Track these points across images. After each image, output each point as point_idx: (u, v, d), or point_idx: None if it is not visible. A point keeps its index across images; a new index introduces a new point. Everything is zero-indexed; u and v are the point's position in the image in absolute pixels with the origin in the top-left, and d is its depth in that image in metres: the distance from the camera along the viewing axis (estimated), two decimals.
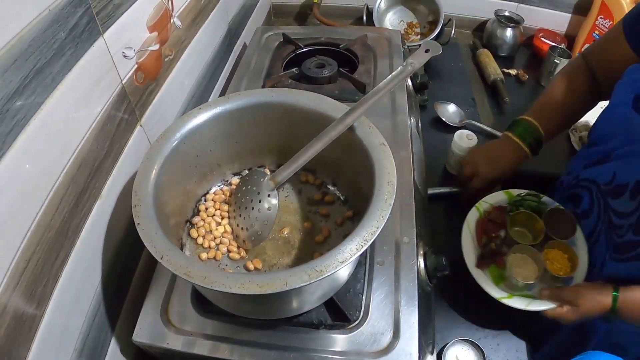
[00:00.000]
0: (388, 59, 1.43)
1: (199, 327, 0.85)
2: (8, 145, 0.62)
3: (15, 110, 0.63)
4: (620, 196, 0.95)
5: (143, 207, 0.75)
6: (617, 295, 0.93)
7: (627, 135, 0.96)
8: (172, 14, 1.07)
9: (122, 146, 0.91)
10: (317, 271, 0.65)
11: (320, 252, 0.92)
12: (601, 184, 1.02)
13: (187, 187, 0.95)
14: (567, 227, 1.11)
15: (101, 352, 0.89)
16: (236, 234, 0.94)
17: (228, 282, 0.64)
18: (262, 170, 1.04)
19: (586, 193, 1.08)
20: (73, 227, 0.78)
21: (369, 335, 0.82)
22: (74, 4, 0.73)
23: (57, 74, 0.71)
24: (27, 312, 0.68)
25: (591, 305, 0.95)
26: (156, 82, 1.03)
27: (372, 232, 0.70)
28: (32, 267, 0.68)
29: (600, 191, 1.02)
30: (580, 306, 0.96)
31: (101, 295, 0.88)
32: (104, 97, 0.84)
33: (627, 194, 0.93)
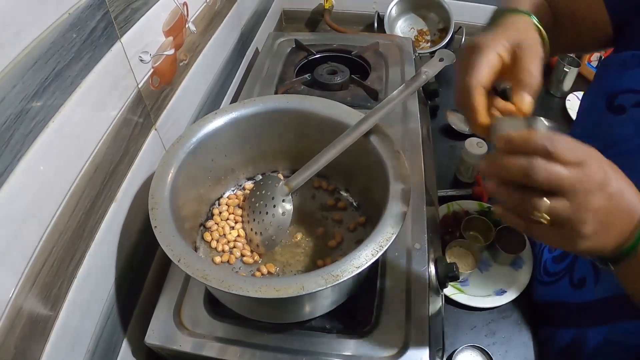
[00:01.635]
0: (400, 67, 1.43)
1: (212, 329, 0.85)
2: (27, 147, 0.63)
3: (35, 112, 0.63)
4: None
5: (160, 210, 0.76)
6: None
7: (606, 138, 0.90)
8: (187, 19, 1.08)
9: (137, 150, 0.92)
10: (333, 276, 0.65)
11: (333, 257, 0.93)
12: None
13: (201, 191, 0.96)
14: (517, 244, 1.23)
15: (113, 353, 0.89)
16: (250, 238, 0.94)
17: (245, 286, 0.64)
18: (276, 175, 1.04)
19: None
20: (88, 229, 0.79)
21: (380, 340, 0.83)
22: (93, 8, 0.73)
23: (76, 77, 0.71)
24: (41, 313, 0.68)
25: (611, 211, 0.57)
26: (171, 87, 1.03)
27: (387, 238, 0.70)
28: (48, 269, 0.69)
29: None
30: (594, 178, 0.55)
31: (114, 297, 0.88)
32: (120, 101, 0.84)
33: None
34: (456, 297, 1.15)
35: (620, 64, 0.87)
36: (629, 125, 0.86)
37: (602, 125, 0.92)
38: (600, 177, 0.55)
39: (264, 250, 0.92)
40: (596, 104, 0.92)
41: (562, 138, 0.54)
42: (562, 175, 0.53)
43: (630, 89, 0.85)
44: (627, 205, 0.58)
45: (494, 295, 1.17)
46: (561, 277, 1.08)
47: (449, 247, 1.24)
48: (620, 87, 0.86)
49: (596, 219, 0.55)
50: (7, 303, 0.61)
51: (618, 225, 0.58)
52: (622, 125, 0.87)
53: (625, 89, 0.86)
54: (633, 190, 0.59)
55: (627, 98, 0.85)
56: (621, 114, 0.86)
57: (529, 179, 0.54)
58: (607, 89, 0.90)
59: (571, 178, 0.53)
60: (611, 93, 0.88)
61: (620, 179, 0.58)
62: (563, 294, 1.06)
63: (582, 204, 0.54)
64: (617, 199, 0.56)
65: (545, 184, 0.54)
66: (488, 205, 1.37)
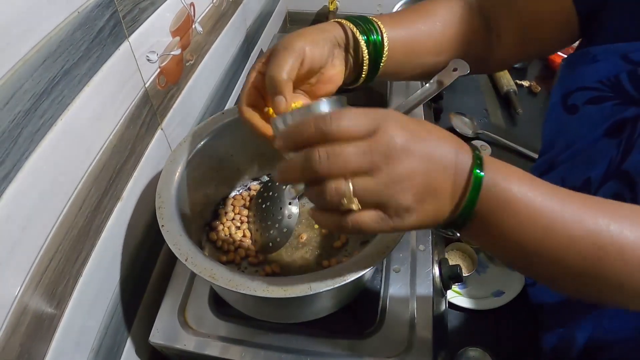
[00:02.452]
0: None
1: (216, 329, 0.85)
2: (35, 144, 0.63)
3: (43, 110, 0.63)
4: None
5: (167, 210, 0.76)
6: (482, 176, 0.51)
7: (566, 139, 0.90)
8: (194, 20, 1.08)
9: (143, 149, 0.92)
10: (340, 276, 0.65)
11: (339, 258, 0.93)
12: None
13: (207, 190, 0.96)
14: None
15: (117, 352, 0.90)
16: (255, 239, 0.95)
17: (253, 285, 0.65)
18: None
19: None
20: (94, 227, 0.79)
21: (384, 341, 0.83)
22: (101, 7, 0.73)
23: (84, 75, 0.72)
24: (47, 312, 0.69)
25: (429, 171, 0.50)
26: (177, 87, 1.03)
27: (393, 239, 0.70)
28: (54, 267, 0.69)
29: None
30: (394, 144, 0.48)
31: (119, 296, 0.88)
32: (127, 100, 0.84)
33: None
34: (455, 300, 1.15)
35: (571, 63, 0.87)
36: (583, 123, 0.85)
37: (561, 127, 0.92)
38: (400, 139, 0.48)
39: (269, 252, 0.92)
40: (554, 107, 0.91)
41: (341, 113, 0.49)
42: (348, 153, 0.47)
43: (580, 86, 0.84)
44: (446, 161, 0.51)
45: (492, 297, 1.17)
46: None
47: (446, 251, 1.23)
48: (572, 86, 0.86)
49: (413, 184, 0.49)
50: (13, 301, 0.61)
51: (443, 183, 0.51)
52: (577, 123, 0.86)
53: (577, 87, 0.85)
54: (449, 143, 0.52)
55: (578, 96, 0.85)
56: (575, 113, 0.86)
57: (316, 172, 0.48)
58: (562, 89, 0.89)
59: (361, 152, 0.47)
60: (565, 93, 0.88)
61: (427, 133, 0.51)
62: (544, 295, 1.06)
63: (387, 174, 0.48)
64: (430, 155, 0.50)
65: (334, 169, 0.48)
66: None
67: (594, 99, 0.81)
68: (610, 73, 0.79)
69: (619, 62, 0.78)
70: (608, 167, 0.78)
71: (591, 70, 0.81)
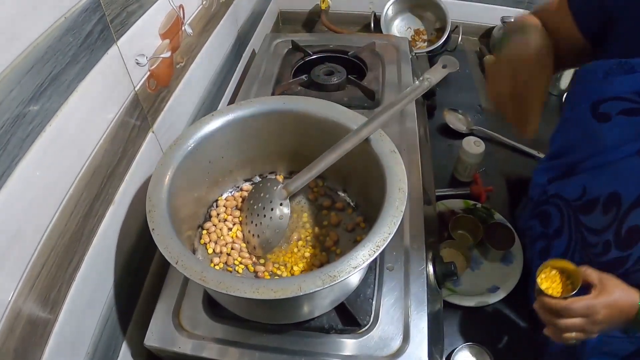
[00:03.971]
0: (396, 66, 1.43)
1: (211, 331, 0.85)
2: (24, 151, 0.63)
3: (32, 116, 0.64)
4: (592, 212, 0.92)
5: (157, 213, 0.76)
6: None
7: (592, 146, 0.93)
8: (183, 22, 1.08)
9: (134, 152, 0.92)
10: (330, 276, 0.66)
11: (331, 257, 0.93)
12: (570, 200, 0.99)
13: (199, 192, 0.96)
14: (506, 239, 1.25)
15: (112, 355, 0.90)
16: (247, 240, 0.95)
17: (243, 287, 0.65)
18: (275, 178, 1.04)
19: (555, 210, 1.06)
20: (87, 232, 0.79)
21: (379, 339, 0.83)
22: (89, 12, 0.74)
23: (72, 80, 0.72)
24: (41, 316, 0.69)
25: (613, 315, 0.84)
26: (168, 89, 1.03)
27: (384, 238, 0.70)
28: (47, 272, 0.69)
29: (570, 208, 1.00)
30: (597, 321, 0.83)
31: (113, 300, 0.89)
32: (117, 104, 0.84)
33: (600, 208, 0.90)
34: (450, 299, 1.15)
35: (606, 72, 0.87)
36: (614, 132, 0.86)
37: (587, 133, 0.93)
38: (599, 319, 0.83)
39: (261, 253, 0.93)
40: (581, 112, 0.92)
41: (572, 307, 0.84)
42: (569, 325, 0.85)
43: (615, 96, 0.85)
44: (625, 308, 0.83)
45: (487, 293, 1.18)
46: None
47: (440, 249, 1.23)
48: (605, 95, 0.87)
49: (600, 332, 0.86)
50: (7, 306, 0.61)
51: (616, 325, 0.85)
52: (608, 133, 0.88)
53: (610, 97, 0.86)
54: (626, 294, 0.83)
55: (612, 105, 0.86)
56: (606, 121, 0.87)
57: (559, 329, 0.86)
58: (592, 96, 0.90)
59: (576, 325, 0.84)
60: (596, 101, 0.89)
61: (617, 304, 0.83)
62: None
63: (589, 334, 0.85)
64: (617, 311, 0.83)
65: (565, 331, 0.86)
66: (474, 203, 1.38)
67: (629, 110, 0.83)
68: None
69: None
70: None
71: (628, 80, 0.83)
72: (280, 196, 0.91)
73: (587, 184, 0.94)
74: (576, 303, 0.83)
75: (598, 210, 0.90)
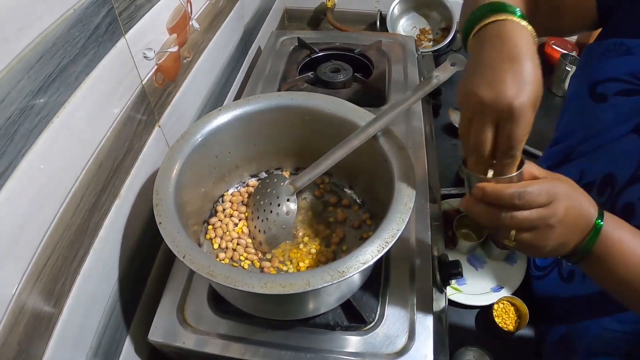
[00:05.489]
0: (402, 65, 1.43)
1: (215, 327, 0.85)
2: (32, 142, 0.63)
3: (39, 108, 0.63)
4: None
5: (164, 207, 0.76)
6: (601, 224, 0.66)
7: (589, 128, 0.92)
8: (191, 17, 1.08)
9: (140, 146, 0.91)
10: (339, 272, 0.65)
11: (337, 254, 0.93)
12: None
13: (205, 187, 0.96)
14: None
15: (116, 350, 0.89)
16: (253, 236, 0.95)
17: (251, 282, 0.64)
18: (282, 174, 1.04)
19: None
20: (92, 225, 0.78)
21: (384, 337, 0.82)
22: (97, 4, 0.73)
23: (80, 73, 0.71)
24: (45, 310, 0.68)
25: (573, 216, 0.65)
26: (175, 84, 1.03)
27: (392, 235, 0.70)
28: (52, 265, 0.69)
29: None
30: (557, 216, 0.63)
31: (117, 294, 0.88)
32: (124, 97, 0.84)
33: (595, 191, 0.88)
34: (455, 297, 1.15)
35: (603, 52, 0.87)
36: (610, 113, 0.86)
37: (585, 112, 0.92)
38: (562, 211, 0.63)
39: (267, 249, 0.93)
40: (580, 92, 0.92)
41: (530, 188, 0.62)
42: (523, 221, 0.63)
43: (612, 77, 0.85)
44: (583, 223, 0.66)
45: (491, 292, 1.17)
46: (550, 270, 1.08)
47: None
48: (603, 76, 0.87)
49: (555, 242, 0.66)
50: (11, 299, 0.61)
51: (574, 237, 0.67)
52: (604, 113, 0.87)
53: (607, 77, 0.86)
54: (587, 208, 0.67)
55: (608, 86, 0.86)
56: (603, 101, 0.87)
57: (497, 224, 0.65)
58: (590, 76, 0.90)
59: (532, 220, 0.63)
60: (594, 81, 0.88)
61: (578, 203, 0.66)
62: (554, 288, 1.06)
63: (543, 236, 0.65)
64: (574, 221, 0.65)
65: (510, 226, 0.64)
66: None
67: (625, 91, 0.83)
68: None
69: None
70: (636, 168, 0.80)
71: (624, 62, 0.83)
72: (287, 192, 0.91)
73: (585, 168, 0.93)
74: (535, 185, 0.62)
75: (593, 193, 0.87)
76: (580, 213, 0.66)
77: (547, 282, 1.09)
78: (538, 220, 0.63)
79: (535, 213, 0.63)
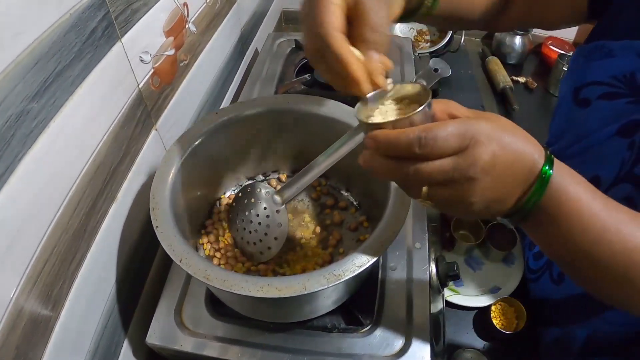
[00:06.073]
0: (399, 67, 1.43)
1: (213, 329, 0.85)
2: (28, 147, 0.63)
3: (36, 112, 0.63)
4: None
5: (161, 211, 0.76)
6: (550, 173, 0.54)
7: (576, 132, 0.90)
8: (187, 20, 1.08)
9: (137, 150, 0.92)
10: (335, 275, 0.65)
11: (334, 256, 0.93)
12: None
13: (202, 191, 0.96)
14: (508, 240, 1.23)
15: (114, 353, 0.89)
16: (241, 247, 0.92)
17: (247, 286, 0.65)
18: (265, 183, 1.04)
19: None
20: (89, 229, 0.79)
21: (381, 339, 0.83)
22: (93, 8, 0.73)
23: (77, 77, 0.71)
24: (43, 314, 0.68)
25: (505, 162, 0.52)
26: (171, 87, 1.03)
27: (388, 237, 0.70)
28: (49, 269, 0.69)
29: None
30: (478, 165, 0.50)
31: (115, 297, 0.88)
32: (121, 101, 0.84)
33: None
34: (452, 299, 1.15)
35: (587, 55, 0.86)
36: (595, 117, 0.86)
37: (571, 118, 0.92)
38: (485, 158, 0.50)
39: (260, 260, 0.90)
40: (566, 97, 0.92)
41: (435, 131, 0.50)
42: (432, 174, 0.51)
43: (594, 80, 0.84)
44: (521, 172, 0.53)
45: (489, 294, 1.17)
46: (542, 273, 1.08)
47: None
48: (586, 79, 0.86)
49: (484, 197, 0.53)
50: (9, 303, 0.61)
51: (512, 189, 0.54)
52: (588, 117, 0.87)
53: (590, 81, 0.85)
54: (527, 152, 0.54)
55: (591, 90, 0.85)
56: (587, 106, 0.86)
57: (404, 180, 0.55)
58: (574, 82, 0.89)
59: (445, 172, 0.51)
60: (577, 86, 0.88)
61: (512, 147, 0.53)
62: (546, 291, 1.06)
63: (463, 191, 0.52)
64: (506, 169, 0.52)
65: (419, 181, 0.53)
66: None
67: (607, 94, 0.82)
68: (626, 70, 0.79)
69: (636, 59, 0.78)
70: (620, 169, 0.79)
71: (606, 65, 0.82)
72: (276, 203, 0.85)
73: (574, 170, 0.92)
74: (440, 127, 0.50)
75: None
76: (515, 158, 0.52)
77: (540, 284, 1.10)
78: (452, 171, 0.50)
79: (447, 163, 0.50)
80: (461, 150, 0.50)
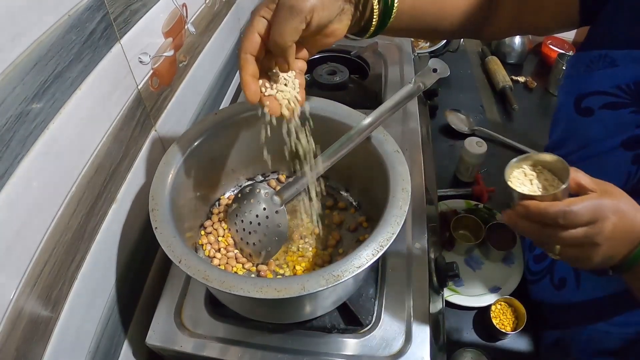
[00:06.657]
0: (399, 66, 1.43)
1: (213, 330, 0.85)
2: (27, 148, 0.63)
3: (35, 114, 0.63)
4: None
5: (160, 212, 0.76)
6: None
7: (577, 141, 0.91)
8: (186, 20, 1.08)
9: (137, 151, 0.92)
10: (334, 276, 0.65)
11: (333, 257, 0.93)
12: None
13: (201, 191, 0.96)
14: (507, 240, 1.24)
15: (114, 354, 0.89)
16: (240, 247, 0.93)
17: (246, 286, 0.65)
18: (264, 184, 1.04)
19: None
20: (89, 230, 0.79)
21: (381, 339, 0.83)
22: (92, 10, 0.73)
23: (76, 78, 0.71)
24: (42, 315, 0.68)
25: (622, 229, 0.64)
26: (170, 88, 1.03)
27: (387, 238, 0.70)
28: (49, 270, 0.69)
29: None
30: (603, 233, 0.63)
31: (115, 298, 0.88)
32: (120, 102, 0.84)
33: None
34: (452, 299, 1.15)
35: (588, 64, 0.86)
36: (598, 127, 0.86)
37: (573, 127, 0.92)
38: (609, 229, 0.62)
39: (259, 260, 0.91)
40: (567, 104, 0.91)
41: (575, 207, 0.61)
42: (567, 239, 0.63)
43: (597, 90, 0.84)
44: (632, 236, 0.65)
45: (489, 293, 1.18)
46: (542, 276, 1.08)
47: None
48: (588, 89, 0.86)
49: (601, 257, 0.65)
50: (8, 305, 0.61)
51: (622, 250, 0.66)
52: (592, 127, 0.87)
53: (593, 91, 0.85)
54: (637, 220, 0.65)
55: (594, 100, 0.85)
56: (589, 116, 0.86)
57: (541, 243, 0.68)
58: (575, 90, 0.89)
59: (578, 238, 0.63)
60: (579, 94, 0.88)
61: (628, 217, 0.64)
62: (547, 294, 1.06)
63: (588, 253, 0.65)
64: (622, 235, 0.64)
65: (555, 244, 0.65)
66: (475, 203, 1.38)
67: (611, 104, 0.82)
68: (630, 80, 0.79)
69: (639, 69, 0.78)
70: (626, 183, 0.81)
71: (609, 74, 0.82)
72: (275, 204, 0.88)
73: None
74: (579, 203, 0.62)
75: None
76: (629, 227, 0.64)
77: (540, 287, 1.10)
78: (583, 238, 0.63)
79: (581, 232, 0.62)
80: (591, 223, 0.62)
